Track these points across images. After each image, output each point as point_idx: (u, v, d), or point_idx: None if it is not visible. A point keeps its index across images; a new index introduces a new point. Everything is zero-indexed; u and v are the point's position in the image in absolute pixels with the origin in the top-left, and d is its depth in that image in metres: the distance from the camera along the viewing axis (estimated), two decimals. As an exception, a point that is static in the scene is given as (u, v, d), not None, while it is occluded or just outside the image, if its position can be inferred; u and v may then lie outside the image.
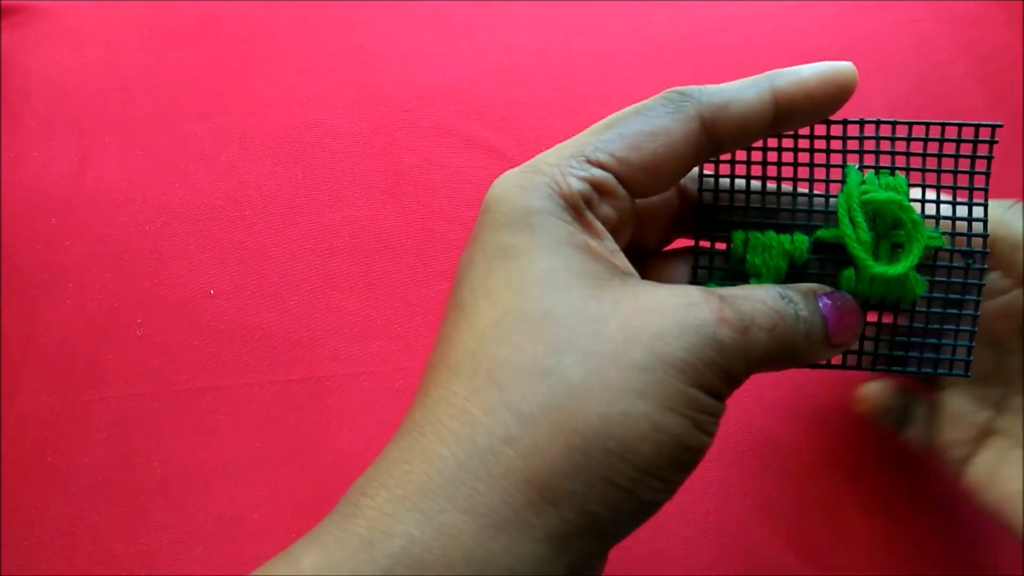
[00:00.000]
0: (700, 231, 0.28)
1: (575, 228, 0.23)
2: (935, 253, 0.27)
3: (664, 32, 0.50)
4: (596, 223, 0.24)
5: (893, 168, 0.27)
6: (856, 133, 0.27)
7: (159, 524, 0.39)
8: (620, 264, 0.24)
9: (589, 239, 0.23)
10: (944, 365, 0.27)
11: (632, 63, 0.49)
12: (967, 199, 0.27)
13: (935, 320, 0.27)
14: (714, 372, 0.22)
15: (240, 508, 0.39)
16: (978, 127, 0.26)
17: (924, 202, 0.27)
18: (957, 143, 0.26)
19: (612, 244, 0.24)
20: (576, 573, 0.21)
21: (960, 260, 0.27)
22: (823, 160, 0.27)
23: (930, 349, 0.27)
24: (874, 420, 0.36)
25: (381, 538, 0.20)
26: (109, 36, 0.52)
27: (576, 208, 0.23)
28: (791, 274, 0.27)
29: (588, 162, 0.24)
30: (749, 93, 0.25)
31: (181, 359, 0.42)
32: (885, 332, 0.28)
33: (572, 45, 0.50)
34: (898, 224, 0.26)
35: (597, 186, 0.24)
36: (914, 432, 0.35)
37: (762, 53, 0.49)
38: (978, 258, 0.27)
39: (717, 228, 0.28)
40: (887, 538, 0.38)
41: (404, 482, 0.21)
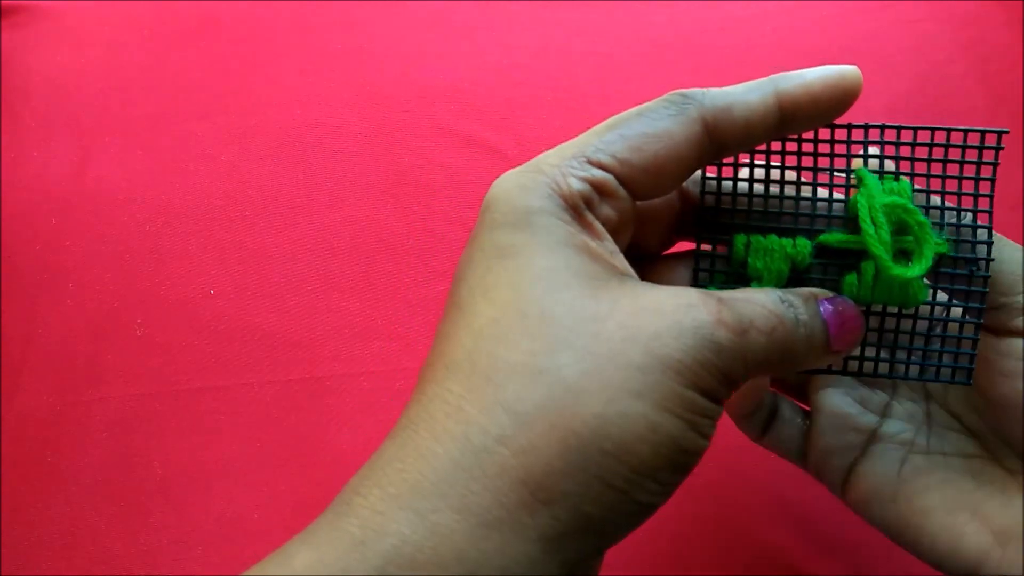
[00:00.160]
0: (701, 234, 0.28)
1: (575, 228, 0.23)
2: (939, 259, 0.27)
3: (664, 32, 0.50)
4: (596, 224, 0.24)
5: (898, 173, 0.26)
6: (860, 137, 0.26)
7: (159, 524, 0.39)
8: (619, 265, 0.24)
9: (589, 240, 0.23)
10: (946, 373, 0.27)
11: (632, 63, 0.49)
12: (972, 205, 0.26)
13: (937, 327, 0.27)
14: (711, 374, 0.22)
15: (240, 508, 0.39)
16: (984, 133, 0.26)
17: (929, 208, 0.26)
18: (963, 149, 0.26)
19: (612, 245, 0.24)
20: (570, 574, 0.21)
21: (963, 267, 0.27)
22: (827, 164, 0.27)
23: (931, 356, 0.27)
24: (737, 422, 0.33)
25: (373, 537, 0.20)
26: (109, 36, 0.52)
27: (576, 208, 0.23)
28: (793, 278, 0.26)
29: (589, 163, 0.24)
30: (753, 96, 0.24)
31: (181, 359, 0.42)
32: (886, 338, 0.28)
33: (572, 45, 0.50)
34: (903, 228, 0.25)
35: (598, 187, 0.24)
36: (781, 436, 0.32)
37: (762, 53, 0.49)
38: (982, 265, 0.26)
39: (719, 231, 0.28)
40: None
41: (397, 480, 0.21)
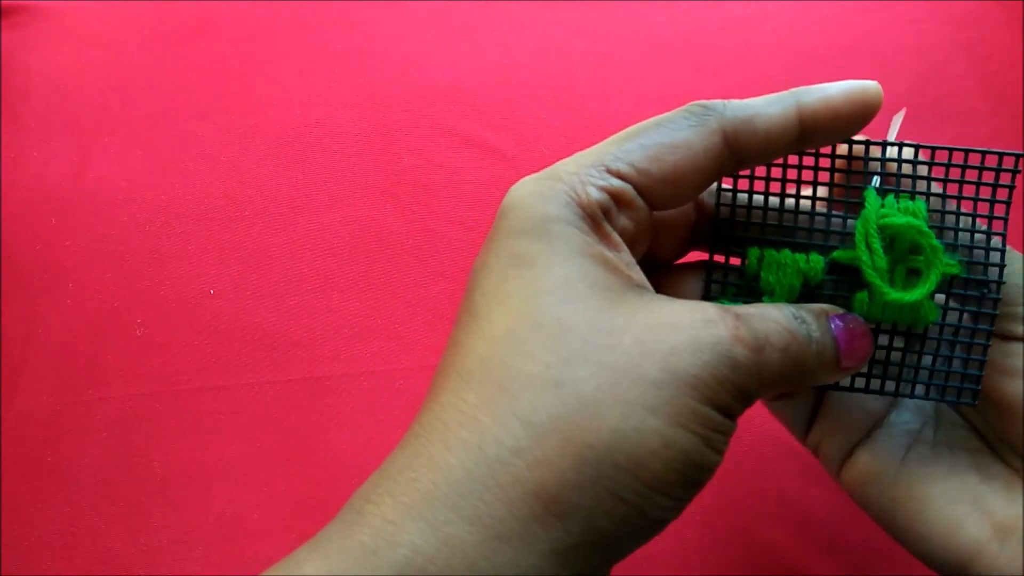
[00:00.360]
0: (715, 246, 0.28)
1: (592, 238, 0.23)
2: (950, 280, 0.26)
3: (664, 32, 0.50)
4: (613, 234, 0.24)
5: (913, 192, 0.26)
6: (877, 154, 0.26)
7: (159, 524, 0.39)
8: (635, 277, 0.24)
9: (605, 250, 0.23)
10: (952, 393, 0.27)
11: (632, 63, 0.49)
12: (986, 227, 0.26)
13: (945, 347, 0.27)
14: (727, 390, 0.21)
15: (240, 508, 0.39)
16: (1002, 156, 0.26)
17: (943, 228, 0.26)
18: (980, 171, 0.26)
19: (628, 256, 0.24)
20: None
21: (975, 288, 0.27)
22: (843, 180, 0.27)
23: (938, 376, 0.27)
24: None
25: (384, 547, 0.20)
26: (109, 36, 0.52)
27: (594, 218, 0.23)
28: (804, 294, 0.26)
29: (608, 172, 0.23)
30: (774, 109, 0.24)
31: (181, 359, 0.42)
32: (895, 357, 0.28)
33: (572, 45, 0.50)
34: (916, 249, 0.25)
35: (616, 196, 0.23)
36: (794, 405, 0.31)
37: (762, 53, 0.49)
38: (993, 287, 0.26)
39: (732, 243, 0.27)
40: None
41: (410, 490, 0.21)
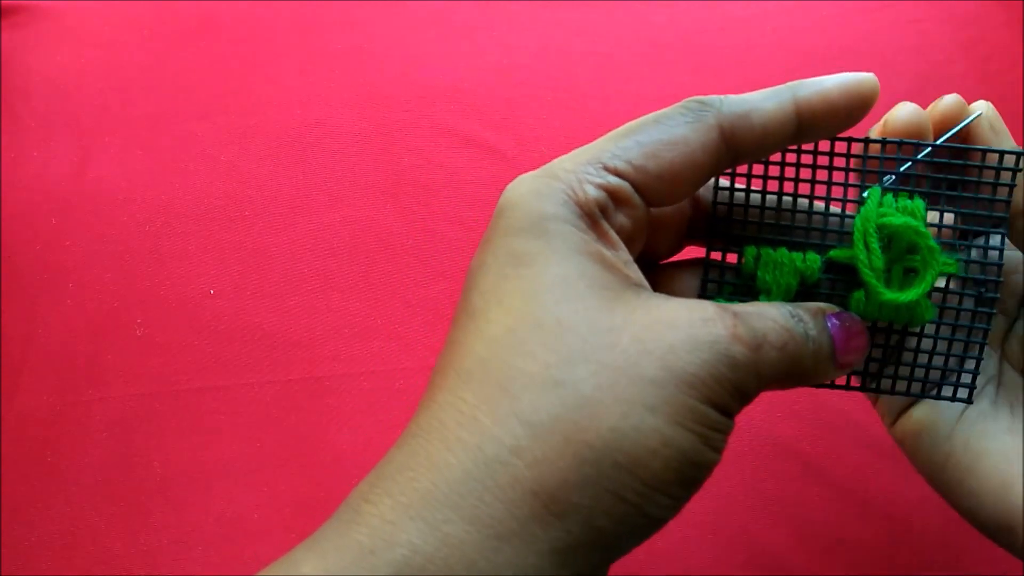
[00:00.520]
0: (712, 244, 0.28)
1: (590, 237, 0.23)
2: (948, 279, 0.26)
3: (664, 32, 0.50)
4: (611, 232, 0.24)
5: (912, 191, 0.26)
6: (876, 151, 0.26)
7: (159, 524, 0.39)
8: (633, 275, 0.24)
9: (603, 248, 0.23)
10: (947, 390, 0.27)
11: (632, 63, 0.49)
12: (986, 225, 0.26)
13: (941, 346, 0.27)
14: (725, 388, 0.22)
15: (240, 508, 0.39)
16: (1002, 154, 0.26)
17: (941, 227, 0.26)
18: (980, 168, 0.26)
19: (626, 255, 0.24)
20: None
21: (972, 287, 0.27)
22: (840, 178, 0.27)
23: (935, 374, 0.27)
24: None
25: (382, 547, 0.20)
26: (109, 36, 0.52)
27: (591, 216, 0.23)
28: (801, 292, 0.26)
29: (605, 169, 0.23)
30: (770, 103, 0.24)
31: (181, 359, 0.42)
32: (891, 355, 0.28)
33: (572, 45, 0.50)
34: (913, 249, 0.25)
35: (613, 194, 0.23)
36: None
37: (762, 53, 0.49)
38: (991, 287, 0.26)
39: (729, 241, 0.27)
40: (888, 538, 0.38)
41: (408, 489, 0.20)
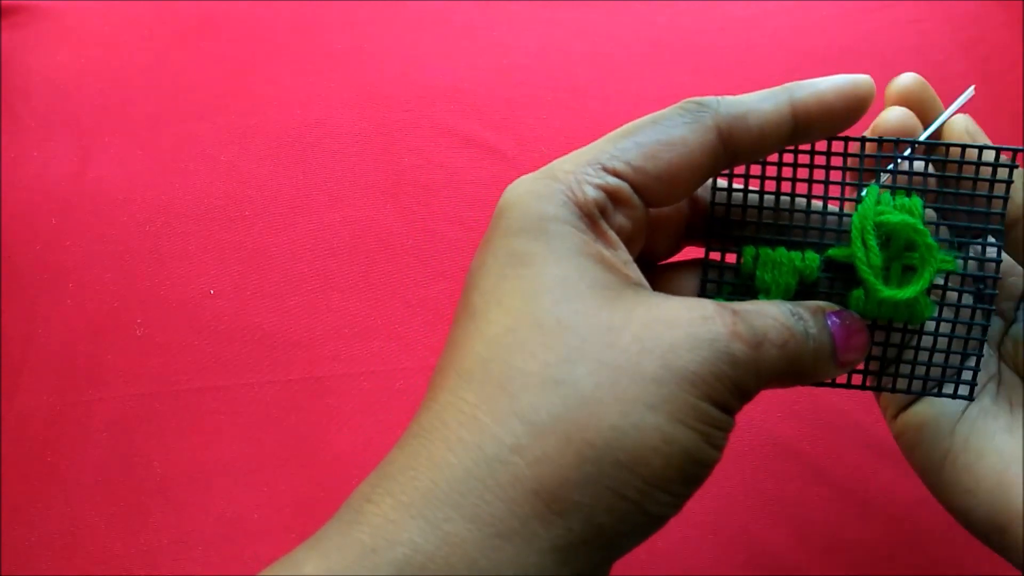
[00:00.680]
0: (710, 244, 0.28)
1: (589, 237, 0.23)
2: (947, 276, 0.26)
3: (664, 32, 0.50)
4: (610, 233, 0.24)
5: (910, 188, 0.26)
6: (873, 151, 0.26)
7: (159, 524, 0.39)
8: (633, 275, 0.24)
9: (603, 249, 0.23)
10: (948, 388, 0.27)
11: (632, 63, 0.49)
12: (983, 222, 0.26)
13: (942, 343, 0.27)
14: (726, 386, 0.22)
15: (240, 508, 0.39)
16: (999, 151, 0.26)
17: (939, 224, 0.26)
18: (977, 166, 0.26)
19: (625, 255, 0.24)
20: None
21: (971, 284, 0.27)
22: (838, 177, 0.27)
23: (935, 371, 0.27)
24: None
25: (384, 546, 0.20)
26: (109, 36, 0.52)
27: (591, 217, 0.23)
28: (801, 291, 0.26)
29: (604, 170, 0.24)
30: (767, 104, 0.24)
31: (181, 359, 0.42)
32: (891, 353, 0.28)
33: (572, 45, 0.50)
34: (911, 246, 0.25)
35: (612, 195, 0.24)
36: None
37: (762, 53, 0.49)
38: (990, 283, 0.26)
39: (728, 241, 0.27)
40: (888, 538, 0.38)
41: (409, 488, 0.21)
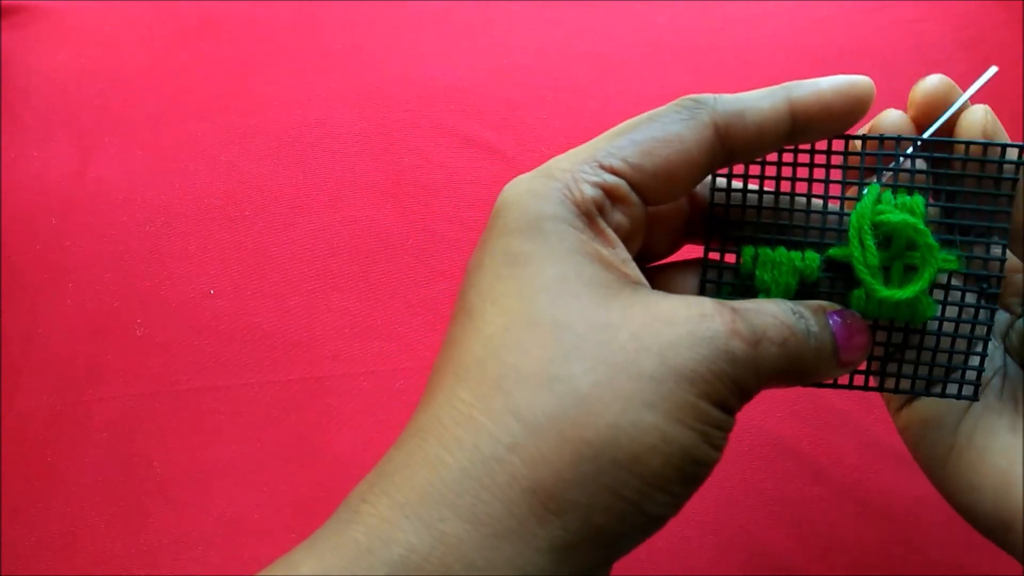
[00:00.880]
0: (709, 244, 0.27)
1: (587, 236, 0.23)
2: (949, 276, 0.26)
3: (664, 32, 0.50)
4: (608, 231, 0.24)
5: (912, 187, 0.26)
6: (875, 149, 0.26)
7: (159, 524, 0.39)
8: (631, 273, 0.24)
9: (600, 247, 0.23)
10: (952, 388, 0.27)
11: (632, 63, 0.49)
12: (988, 220, 0.26)
13: (945, 343, 0.27)
14: (725, 385, 0.21)
15: (240, 508, 0.39)
16: (1004, 148, 0.25)
17: (941, 223, 0.26)
18: (981, 163, 0.26)
19: (624, 252, 0.24)
20: None
21: (974, 283, 0.26)
22: (839, 176, 0.26)
23: (938, 371, 0.27)
24: None
25: (379, 545, 0.20)
26: (109, 36, 0.52)
27: (589, 215, 0.23)
28: (801, 291, 0.26)
29: (601, 167, 0.23)
30: (765, 103, 0.24)
31: (181, 359, 0.42)
32: (894, 353, 0.27)
33: (572, 45, 0.50)
34: (913, 245, 0.25)
35: (610, 192, 0.23)
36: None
37: (762, 53, 0.49)
38: (993, 282, 0.26)
39: (727, 241, 0.27)
40: (888, 538, 0.38)
41: (406, 488, 0.20)
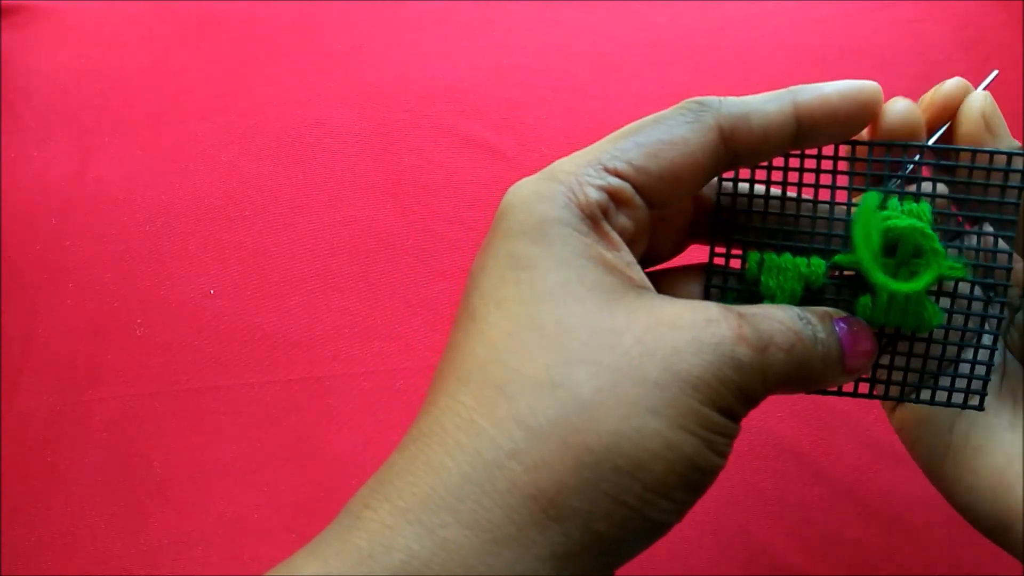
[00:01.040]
0: (714, 250, 0.27)
1: (591, 239, 0.23)
2: (956, 283, 0.26)
3: (664, 32, 0.50)
4: (612, 234, 0.23)
5: (918, 194, 0.26)
6: (881, 155, 0.26)
7: (159, 524, 0.39)
8: (636, 277, 0.23)
9: (605, 251, 0.23)
10: (958, 397, 0.27)
11: (632, 63, 0.49)
12: (994, 227, 0.26)
13: (951, 351, 0.27)
14: (730, 391, 0.21)
15: (240, 508, 0.39)
16: (1011, 155, 0.25)
17: (948, 230, 0.26)
18: (988, 171, 0.25)
19: (628, 256, 0.24)
20: None
21: (981, 291, 0.26)
22: (846, 182, 0.26)
23: (944, 380, 0.27)
24: None
25: (381, 552, 0.20)
26: (109, 36, 0.52)
27: (593, 218, 0.23)
28: (806, 298, 0.26)
29: (606, 170, 0.23)
30: (771, 106, 0.24)
31: (181, 359, 0.42)
32: (899, 361, 0.27)
33: (572, 45, 0.50)
34: (919, 252, 0.25)
35: (614, 195, 0.23)
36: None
37: (762, 53, 0.49)
38: (1000, 290, 0.26)
39: (732, 246, 0.27)
40: (887, 538, 0.38)
41: (407, 494, 0.20)
